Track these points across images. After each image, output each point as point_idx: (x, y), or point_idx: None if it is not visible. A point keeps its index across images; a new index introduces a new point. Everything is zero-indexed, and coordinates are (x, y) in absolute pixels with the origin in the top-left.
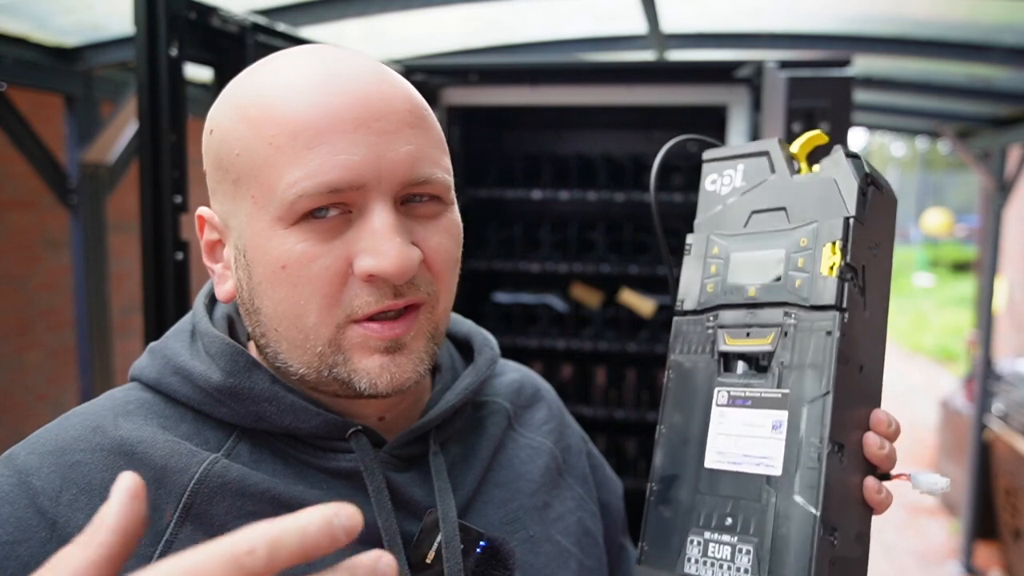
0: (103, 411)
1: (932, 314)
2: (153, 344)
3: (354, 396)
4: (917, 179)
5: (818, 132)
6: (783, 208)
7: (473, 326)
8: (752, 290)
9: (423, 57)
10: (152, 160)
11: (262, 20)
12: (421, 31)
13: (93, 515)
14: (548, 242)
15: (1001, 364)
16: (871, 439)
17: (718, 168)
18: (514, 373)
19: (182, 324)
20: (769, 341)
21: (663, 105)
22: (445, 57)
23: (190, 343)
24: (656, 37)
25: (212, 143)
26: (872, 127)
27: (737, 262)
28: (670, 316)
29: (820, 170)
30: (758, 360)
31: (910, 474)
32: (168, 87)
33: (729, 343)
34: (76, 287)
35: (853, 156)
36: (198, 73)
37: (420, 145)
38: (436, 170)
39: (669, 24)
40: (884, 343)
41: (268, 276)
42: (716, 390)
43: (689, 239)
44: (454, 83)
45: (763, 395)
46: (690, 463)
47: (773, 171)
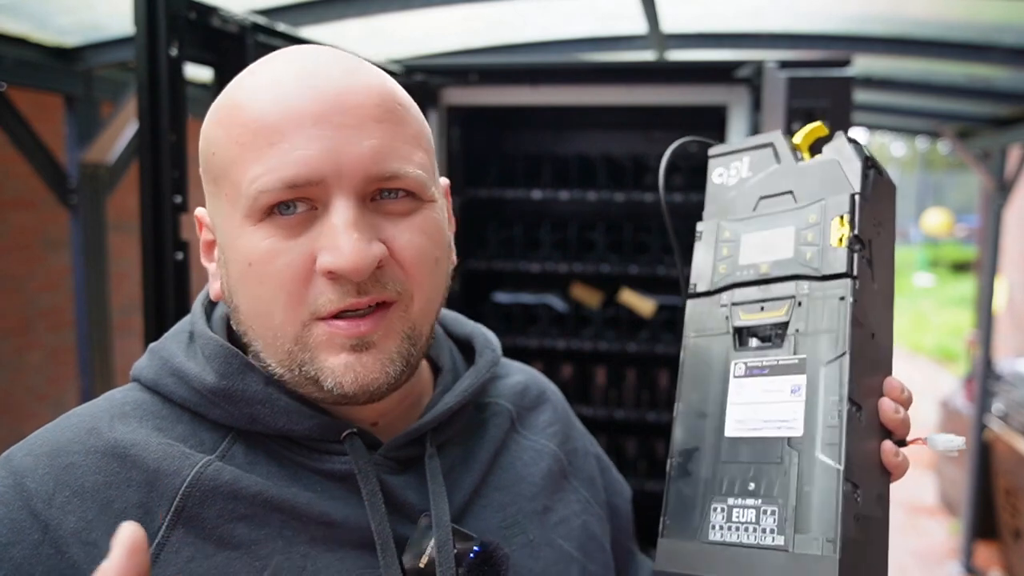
0: (100, 413)
1: (932, 314)
2: (153, 345)
3: (333, 400)
4: (917, 179)
5: (819, 124)
6: (790, 191)
7: (475, 327)
8: (764, 267)
9: (423, 57)
10: (152, 160)
11: (262, 20)
12: (421, 31)
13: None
14: (548, 242)
15: (1001, 364)
16: (886, 404)
17: (724, 162)
18: (520, 375)
19: (181, 325)
20: (783, 312)
21: (663, 105)
22: (445, 57)
23: (188, 344)
24: (656, 37)
25: (199, 145)
26: (872, 127)
27: (748, 243)
28: (670, 316)
29: (823, 155)
30: (772, 336)
31: (926, 437)
32: (168, 87)
33: (744, 318)
34: (76, 287)
35: (854, 141)
36: (198, 73)
37: (387, 140)
38: (406, 165)
39: (669, 24)
40: (892, 317)
41: (239, 274)
42: (732, 363)
43: (699, 227)
44: (454, 83)
45: (780, 362)
46: (709, 435)
47: (778, 160)
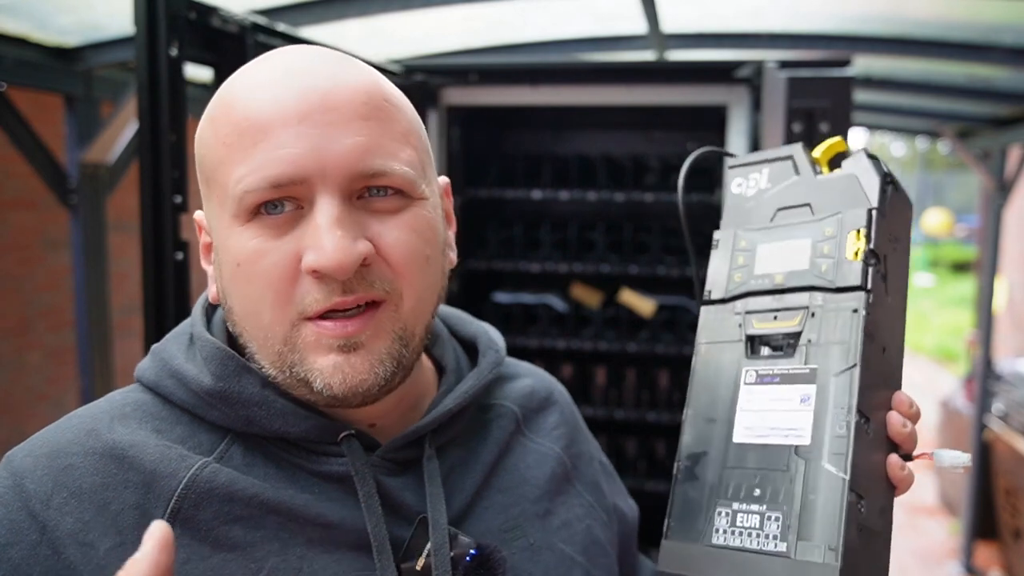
0: (100, 414)
1: (932, 314)
2: (155, 346)
3: (325, 402)
4: (917, 179)
5: (839, 139)
6: (808, 204)
7: (480, 327)
8: (779, 277)
9: (423, 57)
10: (152, 160)
11: (262, 20)
12: (421, 31)
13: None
14: (548, 242)
15: (1001, 364)
16: (894, 418)
17: (743, 173)
18: (528, 377)
19: (183, 327)
20: (796, 322)
21: (663, 105)
22: (445, 57)
23: (188, 346)
24: (656, 37)
25: (195, 147)
26: (872, 127)
27: (764, 253)
28: (670, 316)
29: (842, 169)
30: (784, 346)
31: (932, 452)
32: (168, 87)
33: (757, 327)
34: (76, 287)
35: (873, 157)
36: (198, 73)
37: (373, 137)
38: (392, 162)
39: (669, 24)
40: (903, 333)
41: (230, 274)
42: (744, 370)
43: (716, 235)
44: (454, 83)
45: (791, 371)
46: (717, 441)
47: (797, 173)
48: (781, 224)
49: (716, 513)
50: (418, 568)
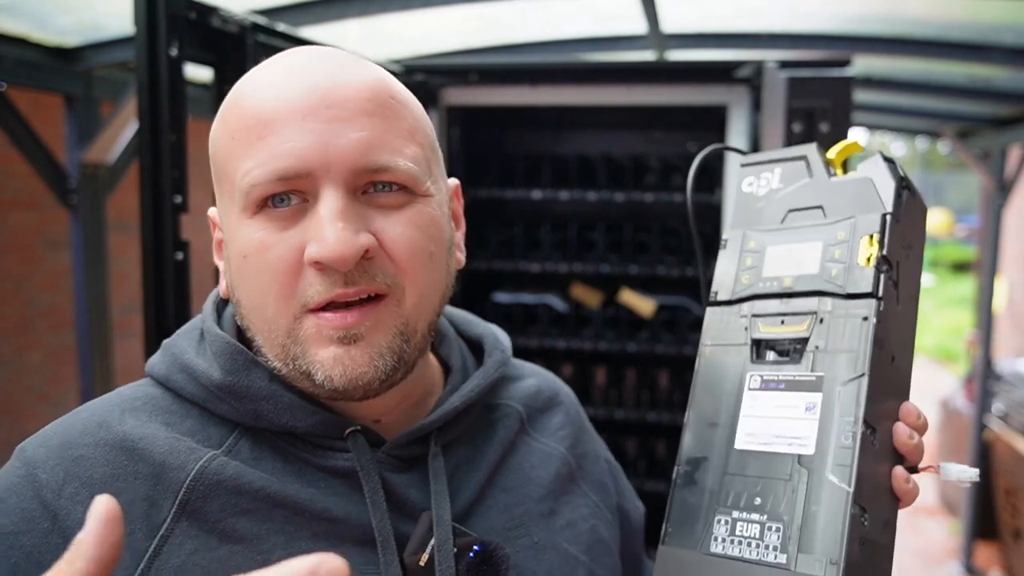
0: (111, 407)
1: (932, 314)
2: (166, 341)
3: (327, 395)
4: (917, 179)
5: (854, 141)
6: (820, 206)
7: (487, 327)
8: (788, 280)
9: (423, 57)
10: (152, 160)
11: (262, 20)
12: (421, 31)
13: None
14: (548, 242)
15: (1001, 364)
16: (901, 429)
17: (755, 171)
18: (533, 378)
19: (194, 322)
20: (804, 328)
21: (663, 105)
22: (445, 57)
23: (198, 341)
24: (656, 37)
25: (209, 146)
26: (872, 127)
27: (773, 255)
28: (670, 316)
29: (857, 172)
30: (790, 351)
31: (939, 465)
32: (168, 87)
33: (763, 331)
34: (76, 287)
35: (889, 161)
36: (198, 73)
37: (377, 133)
38: (397, 158)
39: (669, 24)
40: (913, 341)
41: (237, 267)
42: (748, 375)
43: (725, 234)
44: (454, 83)
45: (797, 378)
46: (719, 446)
47: (810, 174)
48: (792, 226)
49: (715, 521)
50: (422, 564)
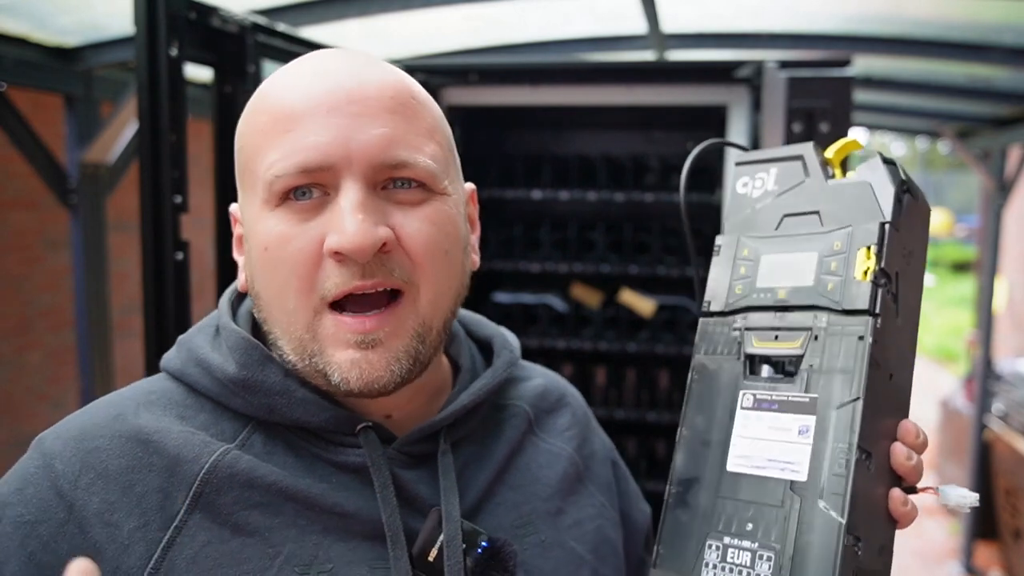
0: (127, 400)
1: (932, 314)
2: (181, 336)
3: (342, 394)
4: (917, 179)
5: (853, 139)
6: (816, 212)
7: (496, 329)
8: (782, 292)
9: (424, 57)
10: (152, 160)
11: (262, 20)
12: (421, 31)
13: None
14: (548, 242)
15: (1001, 364)
16: (899, 450)
17: (750, 171)
18: (540, 378)
19: (210, 319)
20: (798, 345)
21: (663, 105)
22: (445, 57)
23: (213, 337)
24: (656, 37)
25: (235, 141)
26: (872, 127)
27: (767, 264)
28: (670, 316)
29: (855, 175)
30: (785, 365)
31: (938, 488)
32: (168, 87)
33: (757, 346)
34: (76, 287)
35: (889, 163)
36: (198, 73)
37: (398, 130)
38: (416, 155)
39: (669, 24)
40: (914, 353)
41: (258, 259)
42: (741, 393)
43: (718, 240)
44: (454, 83)
45: (790, 399)
46: (711, 466)
47: (807, 175)
48: (787, 233)
49: (707, 545)
50: (430, 559)
